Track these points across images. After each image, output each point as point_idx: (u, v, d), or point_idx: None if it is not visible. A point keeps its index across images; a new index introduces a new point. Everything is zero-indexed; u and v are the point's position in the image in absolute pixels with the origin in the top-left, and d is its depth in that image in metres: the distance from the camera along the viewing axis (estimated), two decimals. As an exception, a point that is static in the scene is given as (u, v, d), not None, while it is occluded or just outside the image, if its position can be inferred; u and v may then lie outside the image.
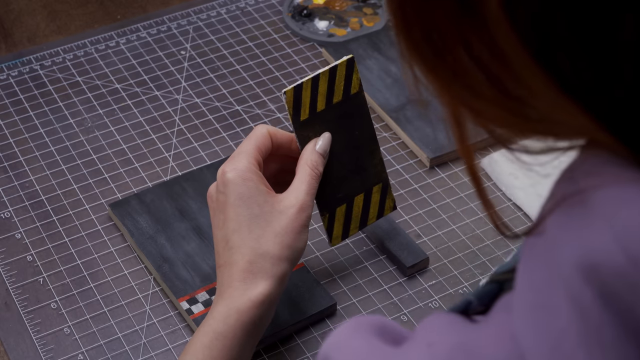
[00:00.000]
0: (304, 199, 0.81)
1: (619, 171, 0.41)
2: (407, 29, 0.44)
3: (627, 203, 0.39)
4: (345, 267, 0.94)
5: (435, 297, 0.92)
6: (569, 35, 0.39)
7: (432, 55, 0.44)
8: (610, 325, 0.39)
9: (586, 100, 0.40)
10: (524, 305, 0.43)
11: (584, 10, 0.38)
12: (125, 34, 1.21)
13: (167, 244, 0.94)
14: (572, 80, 0.40)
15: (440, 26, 0.42)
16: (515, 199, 1.00)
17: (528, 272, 0.44)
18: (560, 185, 0.44)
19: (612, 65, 0.39)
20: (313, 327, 0.89)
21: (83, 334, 0.88)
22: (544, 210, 0.44)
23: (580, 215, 0.41)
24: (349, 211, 0.89)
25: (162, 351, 0.87)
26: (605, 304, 0.39)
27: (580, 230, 0.40)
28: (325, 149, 0.85)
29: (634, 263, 0.38)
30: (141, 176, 1.03)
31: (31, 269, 0.93)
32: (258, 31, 1.22)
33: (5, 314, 0.90)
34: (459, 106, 0.45)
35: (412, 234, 0.97)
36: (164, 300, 0.91)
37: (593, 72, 0.39)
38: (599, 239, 0.39)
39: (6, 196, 1.00)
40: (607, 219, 0.39)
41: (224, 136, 1.08)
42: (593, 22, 0.38)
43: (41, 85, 1.13)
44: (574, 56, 0.39)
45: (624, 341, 0.39)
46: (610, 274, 0.39)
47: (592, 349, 0.40)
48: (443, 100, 0.45)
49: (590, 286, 0.39)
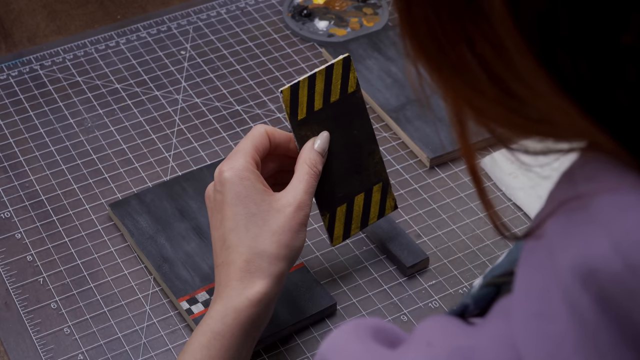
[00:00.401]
0: (302, 197, 0.81)
1: (619, 176, 0.40)
2: (412, 26, 0.44)
3: (626, 210, 0.39)
4: (345, 267, 0.94)
5: (435, 297, 0.92)
6: (572, 36, 0.39)
7: (436, 52, 0.44)
8: (607, 331, 0.39)
9: (587, 102, 0.40)
10: (523, 311, 0.43)
11: (588, 10, 0.38)
12: (125, 34, 1.21)
13: (167, 244, 0.94)
14: (573, 81, 0.40)
15: (445, 23, 0.42)
16: (515, 199, 1.00)
17: (527, 276, 0.44)
18: (560, 188, 0.44)
19: (616, 67, 0.39)
20: (313, 327, 0.89)
21: (83, 334, 0.88)
22: (543, 214, 0.44)
23: (580, 221, 0.41)
24: (349, 211, 0.89)
25: (162, 351, 0.87)
26: (603, 310, 0.39)
27: (580, 236, 0.40)
28: (324, 147, 0.85)
29: (632, 270, 0.38)
30: (141, 176, 1.03)
31: (31, 269, 0.93)
32: (258, 31, 1.22)
33: (5, 314, 0.90)
34: (461, 104, 0.45)
35: (412, 234, 0.97)
36: (164, 300, 0.91)
37: (595, 74, 0.39)
38: (598, 245, 0.39)
39: (6, 196, 1.00)
40: (606, 226, 0.39)
41: (224, 136, 1.08)
42: (597, 22, 0.38)
43: (41, 85, 1.13)
44: (576, 57, 0.39)
45: (622, 347, 0.39)
46: (608, 280, 0.39)
47: (590, 354, 0.40)
48: (446, 98, 0.45)
49: (588, 292, 0.39)
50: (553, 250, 0.42)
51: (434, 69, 0.45)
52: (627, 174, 0.40)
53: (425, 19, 0.43)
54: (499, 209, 1.00)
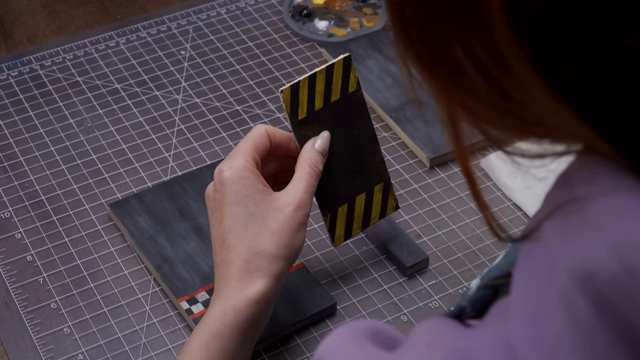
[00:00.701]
0: (302, 197, 0.81)
1: (616, 180, 0.40)
2: (404, 25, 0.44)
3: (623, 213, 0.39)
4: (345, 267, 0.94)
5: (435, 297, 0.92)
6: (571, 40, 0.39)
7: (428, 53, 0.44)
8: (604, 333, 0.39)
9: (585, 106, 0.40)
10: (520, 313, 0.43)
11: (587, 15, 0.38)
12: (125, 34, 1.21)
13: (167, 244, 0.94)
14: (571, 85, 0.39)
15: (438, 23, 0.42)
16: (515, 199, 1.00)
17: (524, 279, 0.44)
18: (557, 191, 0.44)
19: (618, 71, 0.39)
20: (313, 327, 0.89)
21: (83, 334, 0.88)
22: (540, 216, 0.44)
23: (577, 224, 0.41)
24: (350, 211, 0.89)
25: (162, 351, 0.87)
26: (599, 312, 0.39)
27: (577, 239, 0.40)
28: (325, 147, 0.85)
29: (628, 272, 0.38)
30: (141, 176, 1.03)
31: (31, 269, 0.93)
32: (258, 31, 1.22)
33: (5, 314, 0.90)
34: (454, 106, 0.45)
35: (412, 234, 0.97)
36: (164, 300, 0.91)
37: (595, 78, 0.39)
38: (595, 248, 0.39)
39: (6, 196, 1.00)
40: (603, 229, 0.39)
41: (224, 136, 1.08)
42: (596, 27, 0.38)
43: (41, 85, 1.13)
44: (575, 61, 0.39)
45: (618, 349, 0.39)
46: (605, 283, 0.39)
47: (587, 356, 0.40)
48: (438, 100, 0.45)
49: (585, 294, 0.40)
50: (550, 253, 0.42)
51: (426, 70, 0.44)
52: (624, 177, 0.40)
53: (417, 19, 0.43)
54: (499, 209, 1.00)
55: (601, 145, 0.40)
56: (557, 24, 0.38)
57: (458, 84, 0.43)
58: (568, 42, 0.39)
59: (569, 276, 0.40)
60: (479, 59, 0.41)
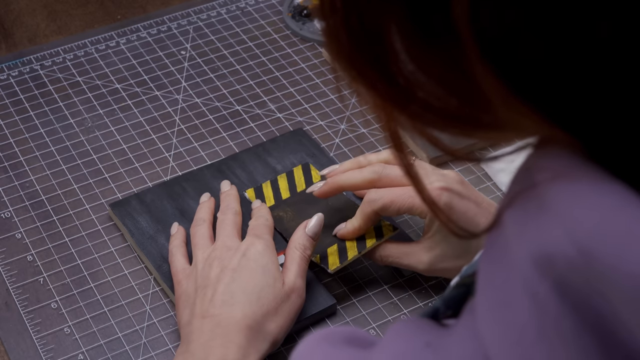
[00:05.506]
0: (294, 281, 0.84)
1: (572, 166, 0.40)
2: (327, 20, 0.42)
3: (579, 198, 0.39)
4: (345, 267, 0.94)
5: (435, 297, 0.92)
6: (534, 39, 0.38)
7: (355, 50, 0.42)
8: (567, 317, 0.39)
9: (540, 101, 0.39)
10: (485, 303, 0.44)
11: (555, 20, 0.37)
12: (125, 34, 1.21)
13: (167, 244, 0.94)
14: (525, 79, 0.39)
15: (383, 25, 0.41)
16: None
17: (487, 269, 0.44)
18: (517, 180, 0.44)
19: (579, 70, 0.38)
20: (313, 327, 0.89)
21: (83, 334, 0.88)
22: (502, 206, 0.44)
23: (535, 210, 0.41)
24: (341, 246, 0.90)
25: (162, 351, 0.87)
26: (562, 297, 0.39)
27: (535, 224, 0.41)
28: (316, 231, 0.88)
29: (585, 256, 0.38)
30: (141, 176, 1.03)
31: (31, 269, 0.94)
32: (258, 31, 1.22)
33: (6, 314, 0.90)
34: (390, 111, 0.44)
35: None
36: (164, 300, 0.91)
37: (553, 76, 0.38)
38: (552, 233, 0.39)
39: (6, 196, 1.00)
40: (560, 214, 0.39)
41: (224, 136, 1.08)
42: (565, 29, 0.37)
43: (41, 85, 1.13)
44: (532, 55, 0.38)
45: (582, 332, 0.39)
46: (564, 267, 0.39)
47: (552, 341, 0.40)
48: (373, 109, 0.45)
49: (547, 279, 0.40)
50: (510, 241, 0.42)
51: (353, 67, 0.43)
52: (581, 163, 0.40)
53: (357, 20, 0.41)
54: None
55: (559, 135, 0.40)
56: (520, 26, 0.37)
57: (391, 84, 0.42)
58: (532, 40, 0.38)
59: (529, 262, 0.40)
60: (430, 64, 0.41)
